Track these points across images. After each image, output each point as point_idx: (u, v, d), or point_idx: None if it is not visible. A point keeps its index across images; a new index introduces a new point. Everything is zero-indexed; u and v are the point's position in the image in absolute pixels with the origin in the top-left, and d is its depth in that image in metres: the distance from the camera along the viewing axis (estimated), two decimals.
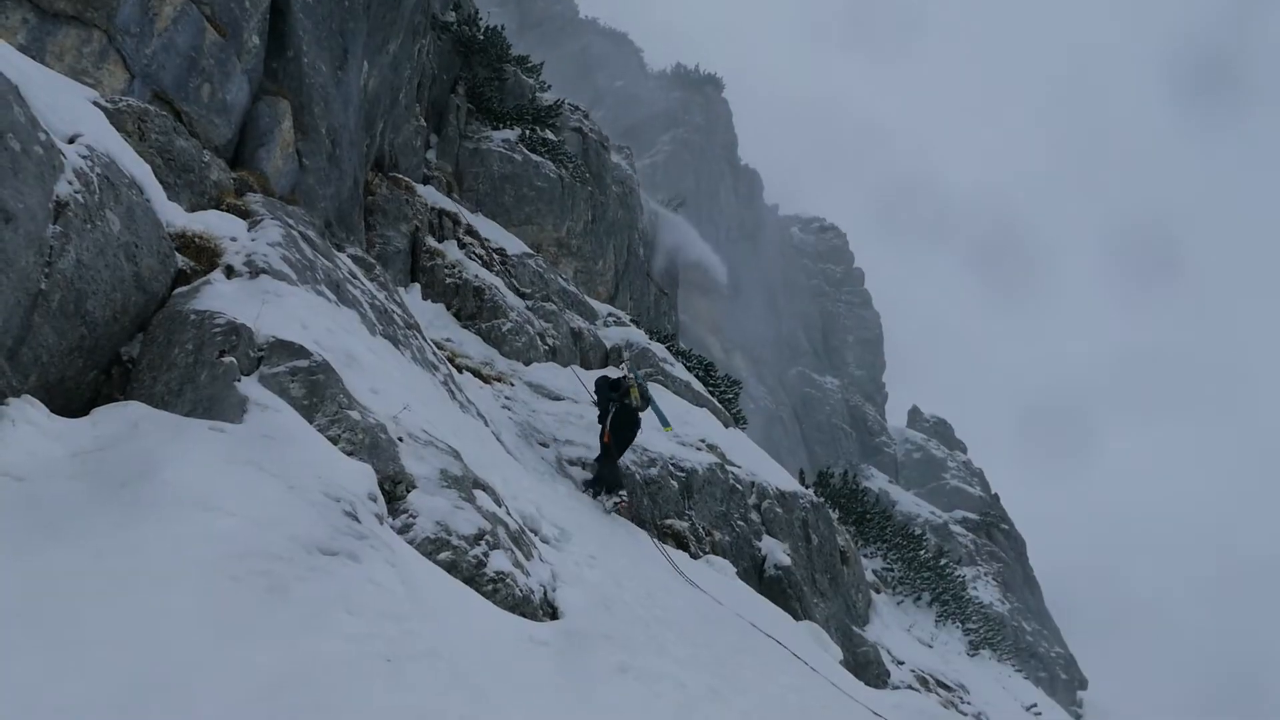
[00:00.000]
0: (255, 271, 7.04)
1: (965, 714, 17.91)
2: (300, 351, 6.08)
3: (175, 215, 7.03)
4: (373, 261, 11.93)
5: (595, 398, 12.90)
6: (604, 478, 11.97)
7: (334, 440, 5.72)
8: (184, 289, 6.39)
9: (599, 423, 12.59)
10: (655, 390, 13.10)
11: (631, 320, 24.20)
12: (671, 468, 14.17)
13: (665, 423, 13.53)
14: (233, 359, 5.66)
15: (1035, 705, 23.96)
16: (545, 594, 6.28)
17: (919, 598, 25.08)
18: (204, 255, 6.99)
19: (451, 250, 18.13)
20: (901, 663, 17.99)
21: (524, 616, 5.69)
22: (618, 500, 11.77)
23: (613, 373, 16.35)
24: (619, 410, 12.24)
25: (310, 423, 5.67)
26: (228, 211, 7.98)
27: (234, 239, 7.37)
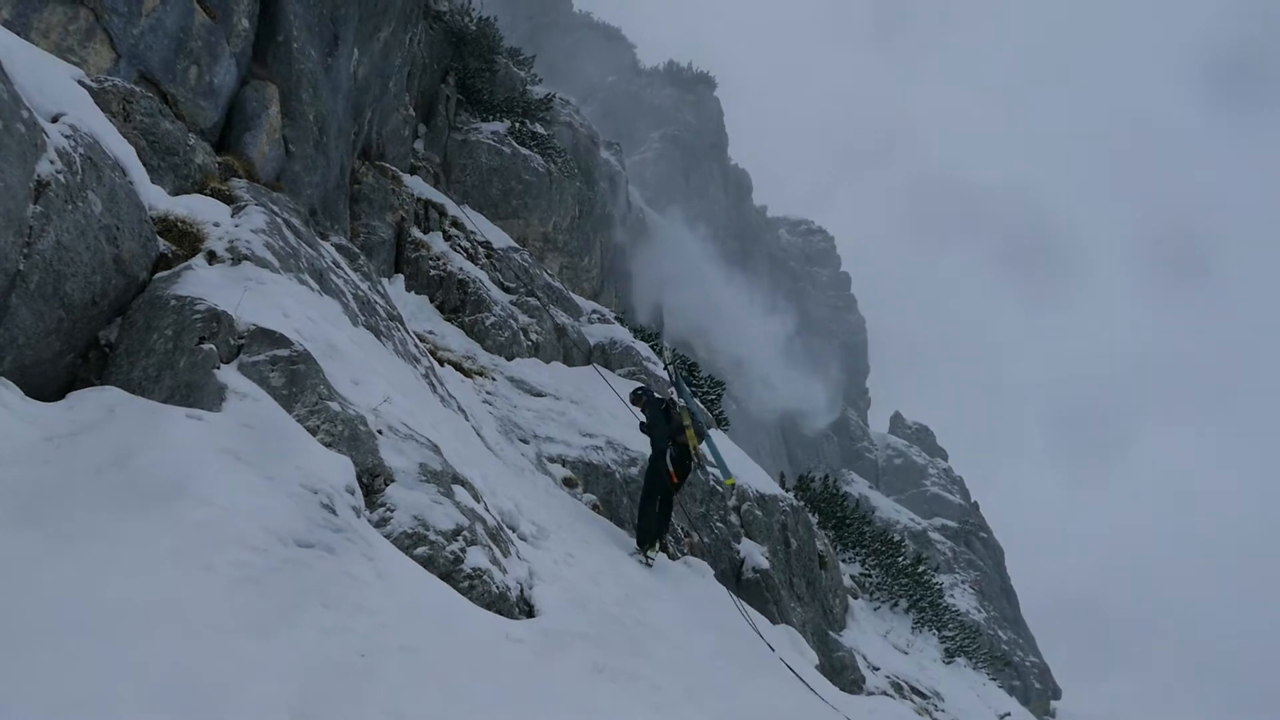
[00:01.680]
0: (238, 258, 7.00)
1: None
2: (281, 340, 6.05)
3: (158, 198, 6.98)
4: (357, 251, 11.89)
5: (642, 420, 11.34)
6: (648, 529, 10.47)
7: (313, 431, 5.70)
8: (165, 274, 6.35)
9: (646, 432, 11.10)
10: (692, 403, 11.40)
11: (616, 318, 24.19)
12: None
13: (726, 472, 11.83)
14: (212, 346, 5.62)
15: (1009, 714, 24.09)
16: (522, 592, 6.27)
17: (896, 604, 25.19)
18: (186, 240, 6.94)
19: (437, 242, 18.09)
20: (877, 668, 18.07)
21: (500, 614, 5.68)
22: (650, 555, 10.34)
23: (642, 381, 15.97)
24: (675, 451, 10.69)
25: (289, 413, 5.65)
26: (212, 196, 7.94)
27: (217, 224, 7.33)
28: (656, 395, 11.65)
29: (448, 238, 18.76)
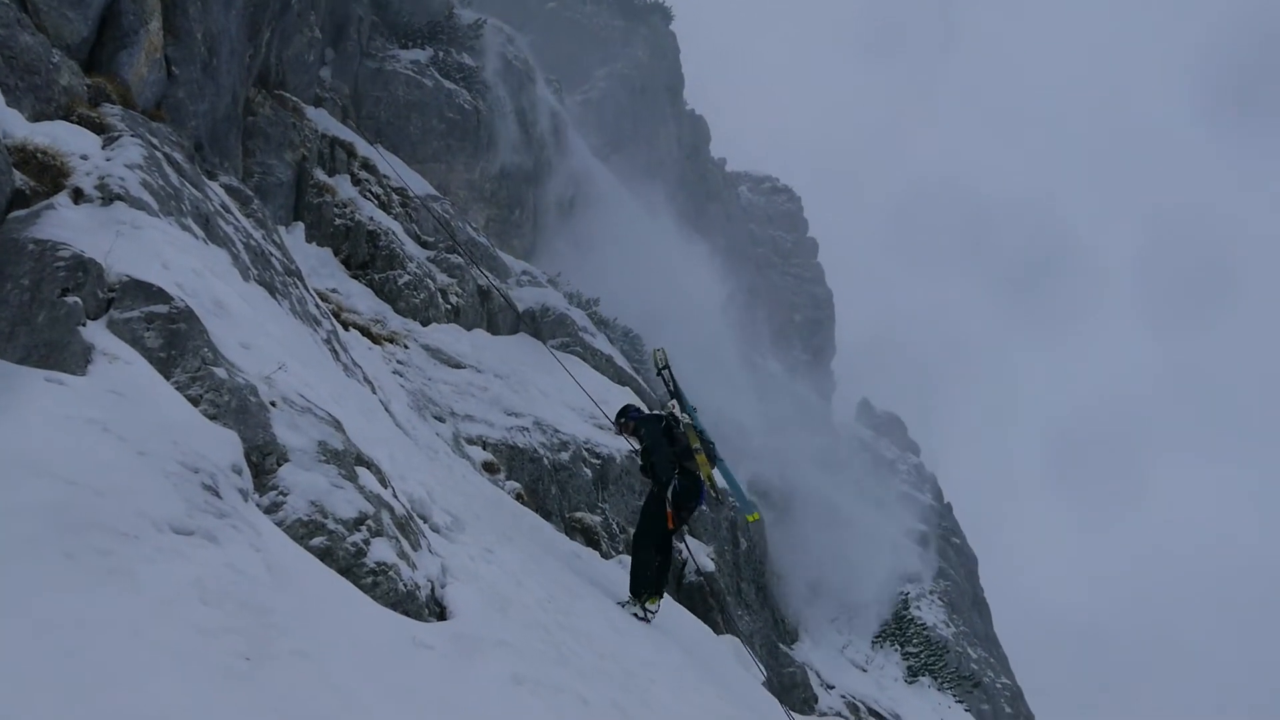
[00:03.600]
0: (109, 197, 6.89)
1: None
2: (159, 295, 5.98)
3: (14, 124, 6.83)
4: (250, 194, 11.74)
5: (639, 445, 10.49)
6: (646, 577, 9.94)
7: (194, 401, 5.65)
8: (21, 213, 6.22)
9: (646, 474, 10.24)
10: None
11: (549, 281, 24.18)
12: (586, 453, 14.26)
13: (749, 506, 10.94)
14: (77, 299, 5.54)
15: None
16: (433, 590, 6.30)
17: (855, 616, 25.70)
18: (47, 174, 6.81)
19: (344, 186, 17.91)
20: (831, 687, 18.45)
21: (407, 615, 5.71)
22: (650, 607, 9.91)
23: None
24: (681, 481, 9.84)
25: (167, 379, 5.60)
26: (79, 124, 7.79)
27: (85, 157, 7.19)
28: (651, 412, 10.77)
29: (357, 182, 18.58)
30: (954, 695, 28.86)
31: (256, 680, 3.78)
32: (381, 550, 5.89)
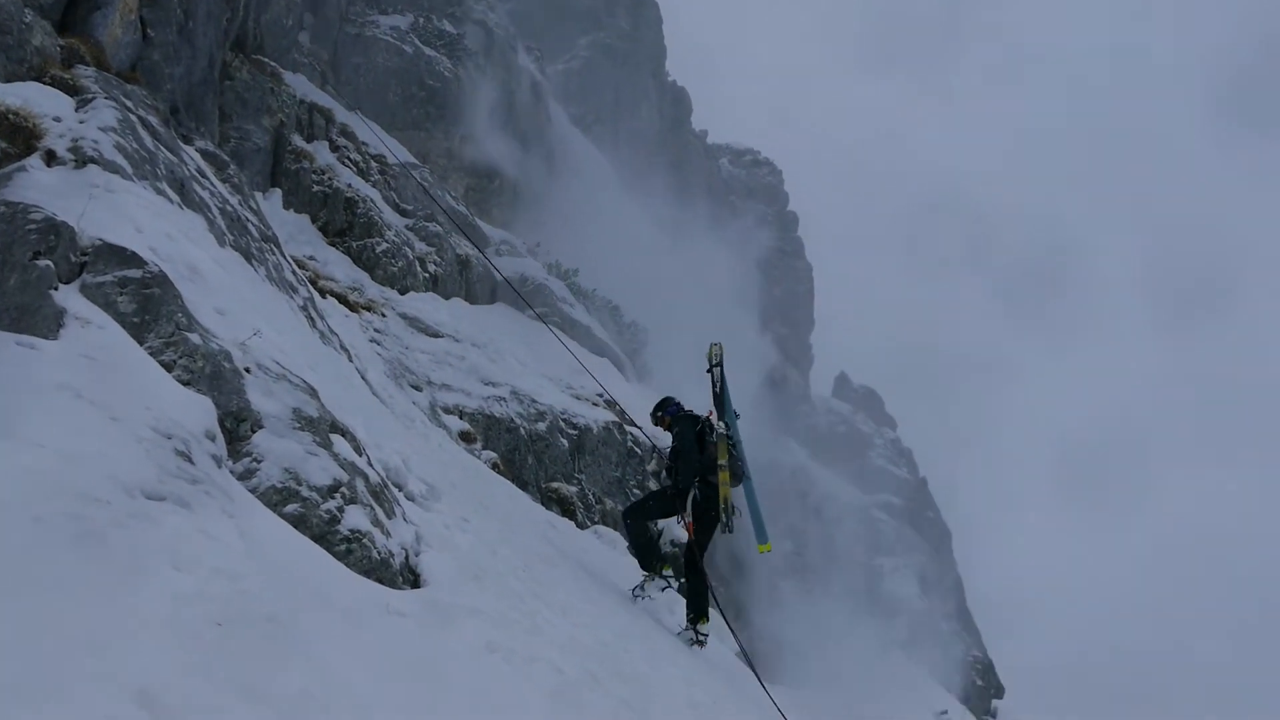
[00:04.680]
0: (82, 160, 6.82)
1: (870, 718, 18.61)
2: (133, 259, 5.92)
3: None
4: (226, 159, 11.64)
5: (667, 449, 9.95)
6: (646, 544, 9.67)
7: (168, 366, 5.61)
8: None
9: (667, 475, 9.75)
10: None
11: (528, 250, 24.11)
12: (563, 423, 14.27)
13: (763, 536, 10.25)
14: (49, 263, 5.48)
15: (946, 711, 25.06)
16: (407, 558, 6.30)
17: (829, 587, 25.89)
18: (19, 136, 6.73)
19: (322, 153, 17.78)
20: (805, 658, 18.59)
21: (381, 583, 5.71)
22: (667, 573, 9.62)
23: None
24: (702, 492, 9.42)
25: (141, 344, 5.56)
26: (52, 85, 7.71)
27: (58, 119, 7.11)
28: (688, 411, 10.08)
29: (335, 148, 18.44)
30: (926, 668, 29.19)
31: (228, 646, 3.78)
32: (355, 518, 5.88)
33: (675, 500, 9.52)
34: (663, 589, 9.49)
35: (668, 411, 10.05)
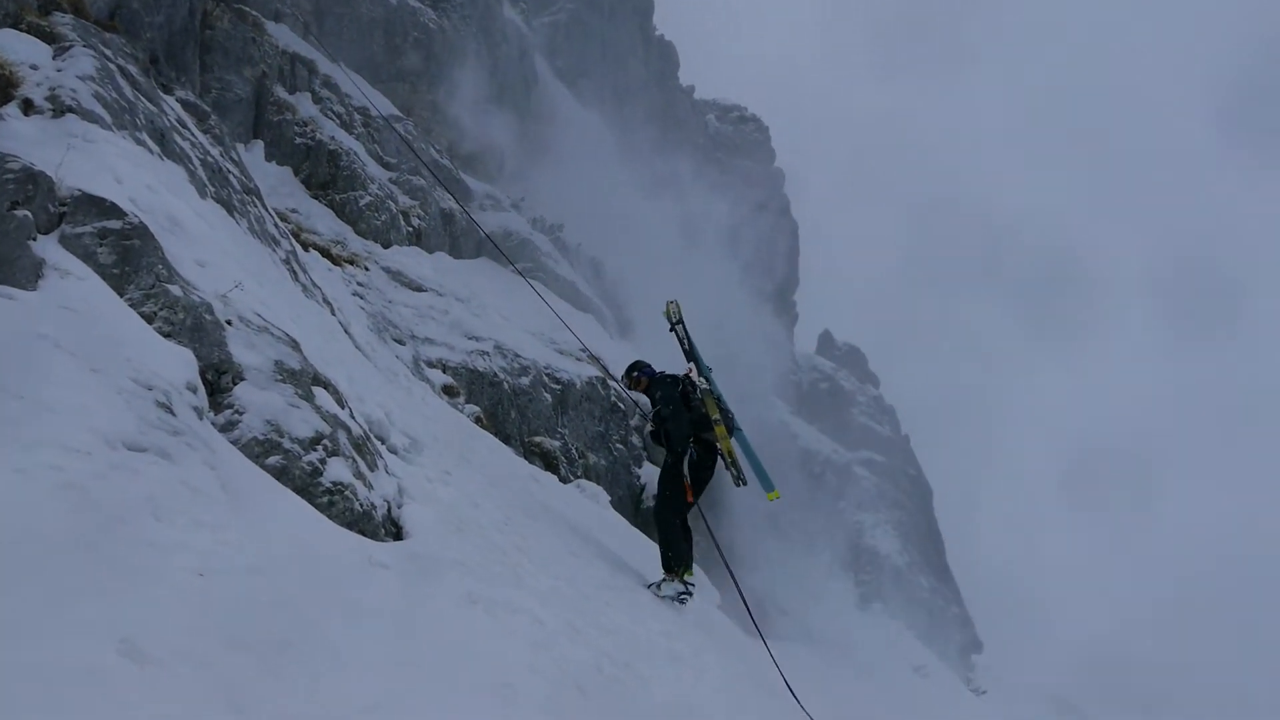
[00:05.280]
0: (60, 109, 6.75)
1: (848, 671, 18.85)
2: (112, 210, 5.88)
3: None
4: (207, 109, 11.52)
5: (649, 410, 9.71)
6: (679, 549, 9.30)
7: (149, 318, 5.59)
8: None
9: (657, 441, 9.59)
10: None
11: (512, 205, 24.00)
12: (546, 378, 14.28)
13: (768, 483, 9.98)
14: (28, 213, 5.44)
15: (924, 666, 25.37)
16: (389, 510, 6.33)
17: (811, 543, 26.10)
18: None
19: (304, 105, 17.61)
20: (786, 613, 18.78)
21: (363, 534, 5.74)
22: (685, 589, 9.25)
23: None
24: (697, 451, 9.30)
25: (121, 296, 5.53)
26: (28, 32, 7.60)
27: (35, 67, 7.03)
28: (663, 373, 9.77)
29: (318, 100, 18.26)
30: (905, 623, 29.51)
31: (209, 596, 3.81)
32: (338, 470, 5.90)
33: (676, 468, 9.24)
34: (678, 594, 9.13)
35: (644, 373, 9.79)
